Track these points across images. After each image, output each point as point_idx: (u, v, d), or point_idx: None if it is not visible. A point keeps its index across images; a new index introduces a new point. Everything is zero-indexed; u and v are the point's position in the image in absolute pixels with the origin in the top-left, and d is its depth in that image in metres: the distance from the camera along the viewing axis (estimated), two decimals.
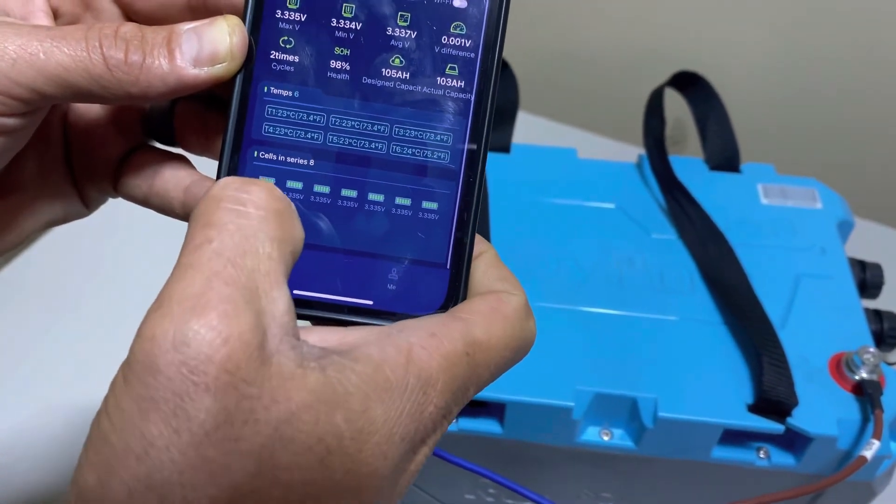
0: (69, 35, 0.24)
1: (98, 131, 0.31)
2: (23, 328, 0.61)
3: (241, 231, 0.21)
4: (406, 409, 0.22)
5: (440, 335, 0.24)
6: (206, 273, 0.20)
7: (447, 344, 0.23)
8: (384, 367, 0.22)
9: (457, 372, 0.23)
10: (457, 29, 0.27)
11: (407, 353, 0.23)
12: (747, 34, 0.77)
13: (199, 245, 0.21)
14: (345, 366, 0.22)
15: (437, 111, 0.27)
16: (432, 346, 0.23)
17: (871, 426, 0.41)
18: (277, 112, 0.27)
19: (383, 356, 0.22)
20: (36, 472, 0.53)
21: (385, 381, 0.22)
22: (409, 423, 0.22)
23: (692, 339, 0.46)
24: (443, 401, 0.23)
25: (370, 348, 0.23)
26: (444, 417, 0.23)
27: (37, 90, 0.24)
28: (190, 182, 0.30)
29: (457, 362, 0.23)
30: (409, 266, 0.27)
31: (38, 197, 0.30)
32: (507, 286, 0.27)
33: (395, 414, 0.22)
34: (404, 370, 0.22)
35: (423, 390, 0.22)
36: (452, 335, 0.24)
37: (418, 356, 0.23)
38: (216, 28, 0.26)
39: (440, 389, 0.23)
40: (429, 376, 0.23)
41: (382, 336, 0.23)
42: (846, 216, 0.54)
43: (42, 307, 0.63)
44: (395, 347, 0.23)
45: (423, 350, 0.23)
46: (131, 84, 0.25)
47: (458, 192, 0.27)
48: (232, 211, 0.22)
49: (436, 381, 0.23)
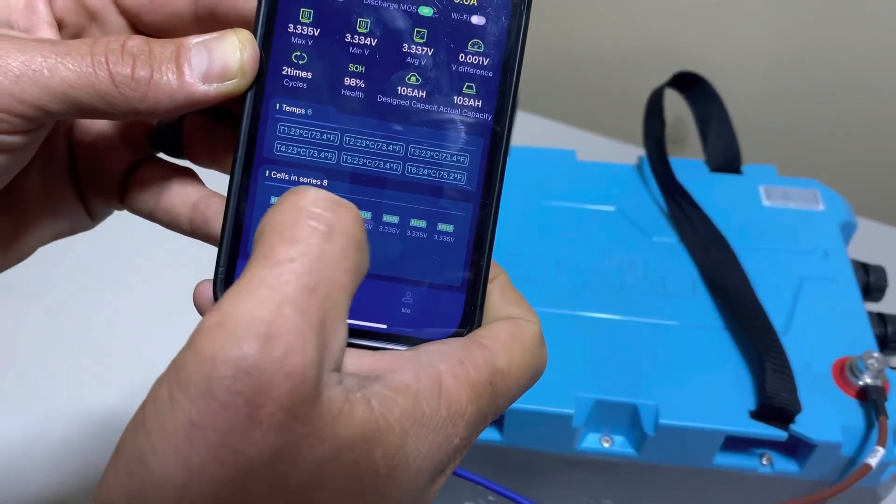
0: (74, 50, 0.24)
1: (104, 145, 0.30)
2: (22, 331, 0.61)
3: (325, 257, 0.20)
4: (435, 441, 0.22)
5: (468, 363, 0.23)
6: (280, 296, 0.19)
7: (474, 373, 0.23)
8: (420, 399, 0.22)
9: (481, 402, 0.23)
10: (475, 47, 0.26)
11: (439, 384, 0.22)
12: (748, 34, 0.76)
13: (279, 262, 0.20)
14: (387, 398, 0.21)
15: (454, 131, 0.26)
16: (461, 376, 0.23)
17: (875, 432, 0.41)
18: (290, 130, 0.26)
19: (419, 386, 0.22)
20: (36, 476, 0.53)
21: (422, 415, 0.21)
22: (437, 455, 0.22)
23: (694, 345, 0.45)
24: (467, 432, 0.23)
25: (406, 376, 0.22)
26: (465, 447, 0.23)
27: (41, 108, 0.23)
28: (198, 198, 0.29)
29: (482, 392, 0.23)
30: (425, 289, 0.26)
31: (44, 211, 0.30)
32: (524, 312, 0.26)
33: (425, 448, 0.21)
34: (437, 402, 0.22)
35: (452, 422, 0.22)
36: (478, 364, 0.23)
37: (449, 386, 0.22)
38: (226, 42, 0.25)
39: (467, 420, 0.23)
40: (458, 408, 0.22)
41: (415, 362, 0.23)
42: (849, 218, 0.53)
43: (41, 310, 0.62)
44: (429, 377, 0.22)
45: (454, 380, 0.23)
46: (138, 100, 0.24)
47: (475, 214, 0.26)
48: (318, 232, 0.20)
49: (464, 413, 0.22)
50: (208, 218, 0.29)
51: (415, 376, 0.22)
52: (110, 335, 0.61)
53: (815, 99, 0.78)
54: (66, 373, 0.58)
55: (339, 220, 0.21)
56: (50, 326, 0.61)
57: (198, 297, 0.27)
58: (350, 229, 0.21)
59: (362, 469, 0.20)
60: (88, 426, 0.55)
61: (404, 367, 0.22)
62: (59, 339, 0.61)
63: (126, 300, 0.63)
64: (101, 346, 0.60)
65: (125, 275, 0.65)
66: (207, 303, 0.27)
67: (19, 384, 0.58)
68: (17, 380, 0.58)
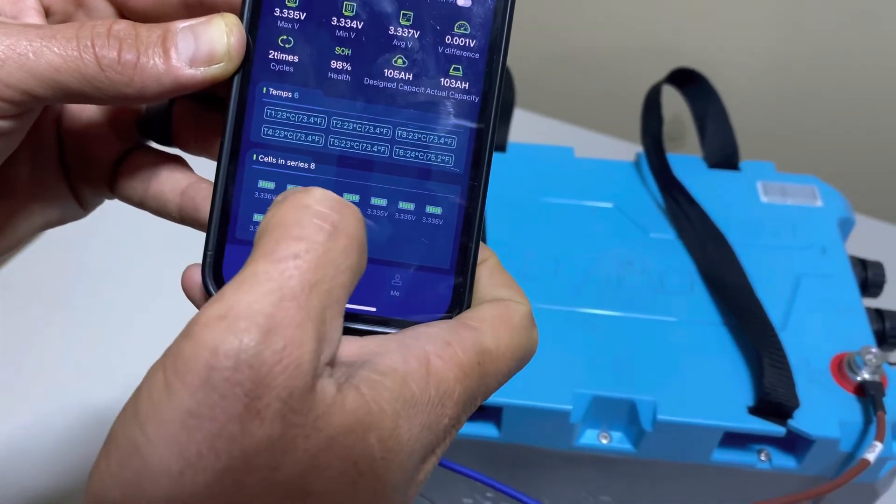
0: (60, 34, 0.24)
1: (93, 132, 0.30)
2: (19, 329, 0.61)
3: (328, 255, 0.20)
4: (425, 423, 0.22)
5: (454, 344, 0.23)
6: (282, 290, 0.19)
7: (461, 354, 0.23)
8: (409, 380, 0.22)
9: (470, 382, 0.23)
10: (461, 28, 0.26)
11: (426, 364, 0.22)
12: (745, 30, 0.76)
13: (283, 258, 0.20)
14: (376, 382, 0.21)
15: (441, 113, 0.26)
16: (448, 356, 0.23)
17: (873, 428, 0.41)
18: (277, 114, 0.26)
19: (407, 368, 0.22)
20: (33, 474, 0.53)
21: (411, 395, 0.22)
22: (427, 436, 0.22)
23: (691, 341, 0.45)
24: (456, 412, 0.23)
25: (393, 359, 0.22)
26: (454, 427, 0.23)
27: (27, 92, 0.23)
28: (187, 185, 0.29)
29: (470, 373, 0.23)
30: (413, 272, 0.26)
31: (33, 199, 0.30)
32: (513, 294, 0.26)
33: (416, 429, 0.22)
34: (425, 382, 0.22)
35: (441, 402, 0.22)
36: (465, 344, 0.23)
37: (436, 367, 0.22)
38: (213, 27, 0.25)
39: (455, 400, 0.23)
40: (447, 388, 0.22)
41: (401, 345, 0.23)
42: (847, 214, 0.53)
43: (38, 307, 0.62)
44: (416, 358, 0.22)
45: (440, 360, 0.23)
46: (125, 84, 0.24)
47: (463, 197, 0.26)
48: (323, 230, 0.21)
49: (452, 392, 0.23)
50: (197, 204, 0.29)
51: (401, 358, 0.22)
52: (108, 331, 0.61)
53: (812, 95, 0.78)
54: (64, 369, 0.58)
55: (344, 220, 0.21)
56: (47, 322, 0.61)
57: (186, 282, 0.27)
58: (353, 230, 0.21)
59: (357, 454, 0.20)
60: (87, 423, 0.55)
61: (390, 350, 0.23)
62: (56, 336, 0.60)
63: (123, 296, 0.63)
64: (98, 342, 0.60)
65: (122, 271, 0.65)
66: (196, 287, 0.27)
67: (17, 381, 0.57)
68: (15, 377, 0.58)
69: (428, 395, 0.22)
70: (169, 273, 0.46)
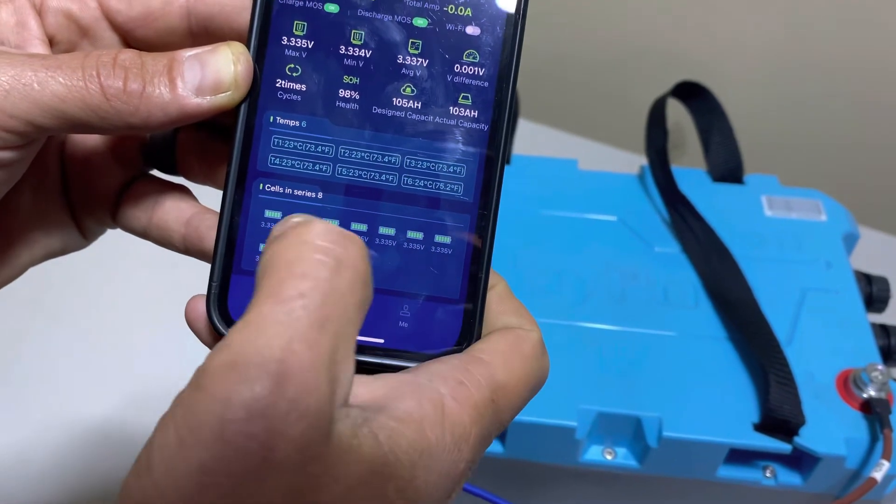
0: (65, 64, 0.23)
1: (96, 161, 0.30)
2: (19, 340, 0.61)
3: (335, 293, 0.20)
4: (443, 470, 0.21)
5: (468, 383, 0.23)
6: (290, 332, 0.19)
7: (476, 393, 0.23)
8: (425, 427, 0.21)
9: (485, 422, 0.23)
10: (470, 57, 0.26)
11: (441, 408, 0.22)
12: (750, 43, 0.76)
13: (290, 298, 0.19)
14: (393, 430, 0.21)
15: (450, 142, 0.26)
16: (462, 398, 0.22)
17: (879, 445, 0.40)
18: (284, 143, 0.26)
19: (422, 414, 0.21)
20: (32, 484, 0.52)
21: (428, 444, 0.21)
22: (445, 483, 0.22)
23: (696, 356, 0.45)
24: (472, 454, 0.23)
25: (408, 404, 0.22)
26: (470, 470, 0.23)
27: (32, 122, 0.23)
28: (191, 215, 0.29)
29: (484, 412, 0.23)
30: (422, 302, 0.26)
31: (35, 229, 0.29)
32: (523, 321, 0.26)
33: (434, 477, 0.21)
34: (441, 429, 0.22)
35: (457, 447, 0.22)
36: (479, 382, 0.23)
37: (451, 410, 0.22)
38: (220, 55, 0.25)
39: (472, 444, 0.22)
40: (462, 431, 0.22)
41: (414, 387, 0.22)
42: (851, 228, 0.53)
43: (39, 319, 0.62)
44: (431, 402, 0.22)
45: (455, 402, 0.22)
46: (130, 114, 0.24)
47: (472, 225, 0.26)
48: (327, 266, 0.20)
49: (468, 436, 0.22)
50: (202, 234, 0.28)
51: (417, 403, 0.22)
52: (107, 345, 0.60)
53: (817, 107, 0.78)
54: (63, 382, 0.58)
55: (348, 255, 0.20)
56: (47, 336, 0.61)
57: (190, 313, 0.26)
58: (358, 263, 0.21)
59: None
60: (85, 435, 0.55)
61: (405, 394, 0.22)
62: (56, 349, 0.60)
63: (123, 310, 0.63)
64: (98, 355, 0.60)
65: (122, 285, 0.65)
66: (200, 318, 0.26)
67: (16, 393, 0.57)
68: (14, 389, 0.58)
69: (444, 442, 0.21)
70: (169, 288, 0.46)
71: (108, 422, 0.55)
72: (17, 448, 0.54)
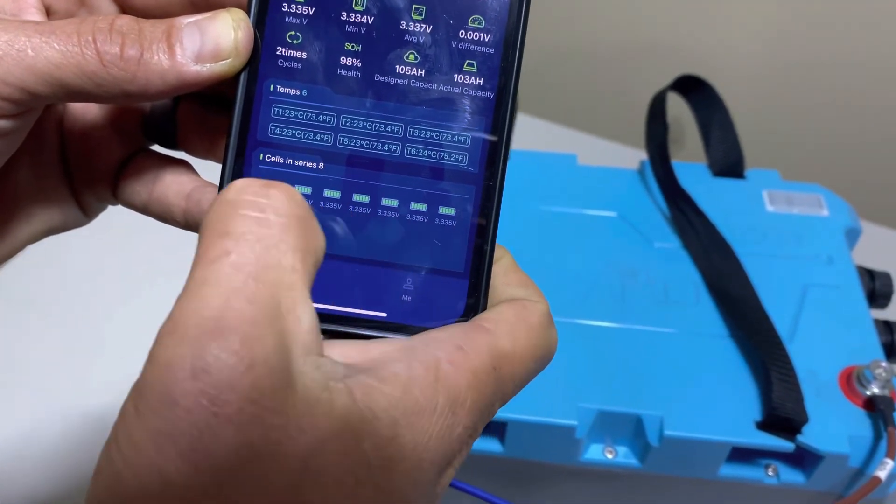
0: (60, 30, 0.23)
1: (96, 135, 0.29)
2: (13, 336, 0.60)
3: (263, 242, 0.19)
4: (435, 433, 0.21)
5: (467, 348, 0.22)
6: (224, 290, 0.19)
7: (475, 358, 0.22)
8: (413, 387, 0.21)
9: (485, 389, 0.22)
10: (475, 23, 0.25)
11: (435, 371, 0.21)
12: (751, 37, 0.75)
13: (217, 258, 0.19)
14: (372, 387, 0.20)
15: (455, 110, 0.25)
16: (460, 361, 0.22)
17: (883, 443, 0.40)
18: (284, 112, 0.25)
19: (411, 375, 0.21)
20: (28, 479, 0.52)
21: (414, 403, 0.20)
22: (439, 447, 0.21)
23: (697, 354, 0.45)
24: (471, 420, 0.22)
25: (396, 366, 0.21)
26: (470, 437, 0.22)
27: (26, 89, 0.23)
28: (192, 188, 0.28)
29: (484, 379, 0.22)
30: (426, 275, 0.25)
31: (34, 204, 0.29)
32: (530, 293, 0.25)
33: (424, 438, 0.20)
34: (433, 390, 0.21)
35: (451, 411, 0.21)
36: (479, 348, 0.22)
37: (446, 373, 0.21)
38: (220, 22, 0.24)
39: (469, 408, 0.22)
40: (457, 395, 0.21)
41: (408, 351, 0.22)
42: (853, 223, 0.52)
43: (34, 314, 0.62)
44: (423, 365, 0.21)
45: (451, 366, 0.22)
46: (128, 81, 0.23)
47: (477, 197, 0.25)
48: (251, 219, 0.20)
49: (464, 400, 0.21)
50: (203, 208, 0.28)
51: (406, 365, 0.21)
52: (105, 338, 0.60)
53: (818, 102, 0.77)
54: (60, 375, 0.58)
55: (272, 202, 0.20)
56: (44, 329, 0.61)
57: None
58: (286, 208, 0.20)
59: (352, 462, 0.19)
60: (82, 429, 0.55)
61: (396, 357, 0.22)
62: (53, 343, 0.60)
63: (121, 304, 0.62)
64: (95, 348, 0.59)
65: (120, 279, 0.65)
66: None
67: (13, 387, 0.57)
68: (11, 383, 0.57)
69: (435, 403, 0.21)
70: (166, 279, 0.46)
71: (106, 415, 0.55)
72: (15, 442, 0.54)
